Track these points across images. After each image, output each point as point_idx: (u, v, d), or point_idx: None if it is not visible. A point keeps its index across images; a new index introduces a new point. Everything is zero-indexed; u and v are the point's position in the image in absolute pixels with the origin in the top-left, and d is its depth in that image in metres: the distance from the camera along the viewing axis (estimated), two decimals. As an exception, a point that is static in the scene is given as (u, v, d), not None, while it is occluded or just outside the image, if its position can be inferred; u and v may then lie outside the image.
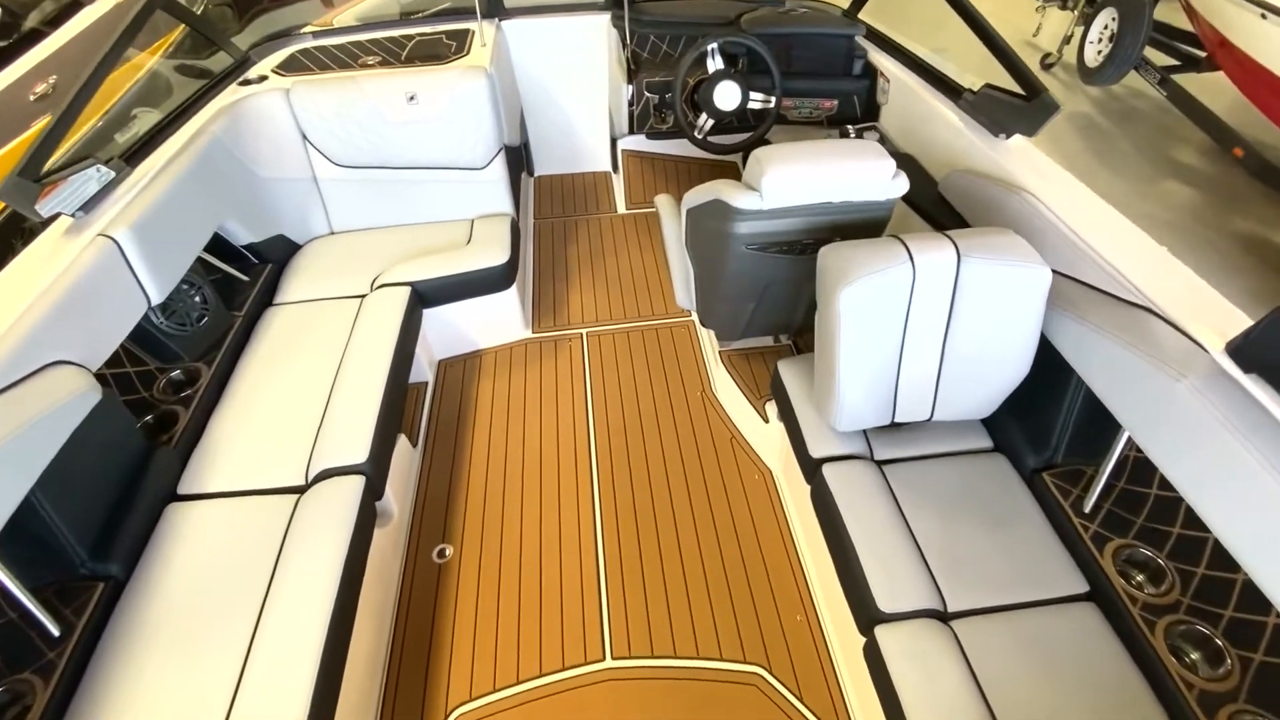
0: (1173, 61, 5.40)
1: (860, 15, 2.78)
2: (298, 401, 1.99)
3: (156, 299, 1.87)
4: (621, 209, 3.52)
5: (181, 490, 1.78)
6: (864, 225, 1.78)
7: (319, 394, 2.00)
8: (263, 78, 2.62)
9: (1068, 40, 6.51)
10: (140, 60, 2.99)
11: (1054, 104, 1.76)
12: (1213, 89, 4.98)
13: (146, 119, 2.27)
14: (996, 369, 1.62)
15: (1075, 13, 6.35)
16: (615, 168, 3.69)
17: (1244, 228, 4.02)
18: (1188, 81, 5.08)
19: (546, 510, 2.16)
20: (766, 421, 2.20)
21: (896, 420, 1.72)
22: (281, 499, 1.74)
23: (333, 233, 2.72)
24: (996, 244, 1.52)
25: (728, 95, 2.45)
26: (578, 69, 3.41)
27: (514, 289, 2.60)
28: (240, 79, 2.60)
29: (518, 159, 3.30)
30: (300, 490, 1.77)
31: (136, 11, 2.05)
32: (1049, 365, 1.61)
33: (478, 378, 2.62)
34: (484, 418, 2.47)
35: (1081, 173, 1.75)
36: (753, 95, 2.51)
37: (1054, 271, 1.54)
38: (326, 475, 1.77)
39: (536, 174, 3.81)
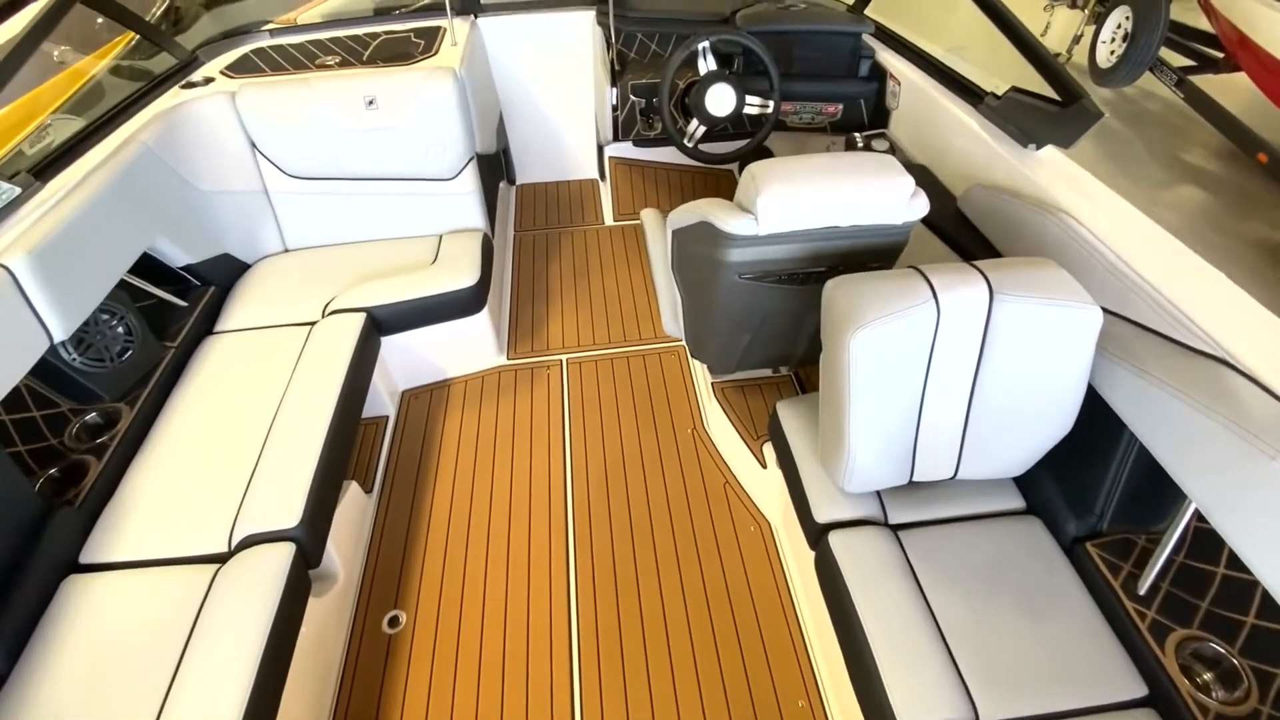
0: (1189, 62, 5.17)
1: (866, 11, 2.53)
2: (228, 449, 1.74)
3: (60, 335, 1.62)
4: (609, 220, 3.27)
5: (84, 559, 1.54)
6: (876, 251, 1.54)
7: (253, 440, 1.76)
8: (209, 80, 2.37)
9: (1077, 40, 6.27)
10: (83, 67, 2.74)
11: (1096, 111, 1.52)
12: (1230, 90, 4.75)
13: (66, 128, 2.02)
14: (1034, 424, 1.38)
15: (1086, 11, 6.11)
16: (603, 176, 3.44)
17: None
18: (1204, 83, 4.85)
19: (514, 570, 1.91)
20: (764, 467, 1.96)
21: (915, 479, 1.47)
22: (198, 570, 1.50)
23: (287, 250, 2.47)
24: (1036, 278, 1.28)
25: (721, 99, 2.21)
26: (562, 70, 3.17)
27: (485, 313, 2.35)
28: (183, 81, 2.35)
29: (495, 167, 3.05)
30: (221, 559, 1.52)
31: (49, 4, 1.81)
32: (1094, 417, 1.36)
33: (444, 410, 2.38)
34: (449, 458, 2.22)
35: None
36: (749, 99, 2.26)
37: (1103, 310, 1.30)
38: (251, 542, 1.53)
39: (518, 182, 3.57)
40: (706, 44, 2.17)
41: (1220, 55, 4.95)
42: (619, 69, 2.49)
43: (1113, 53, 5.44)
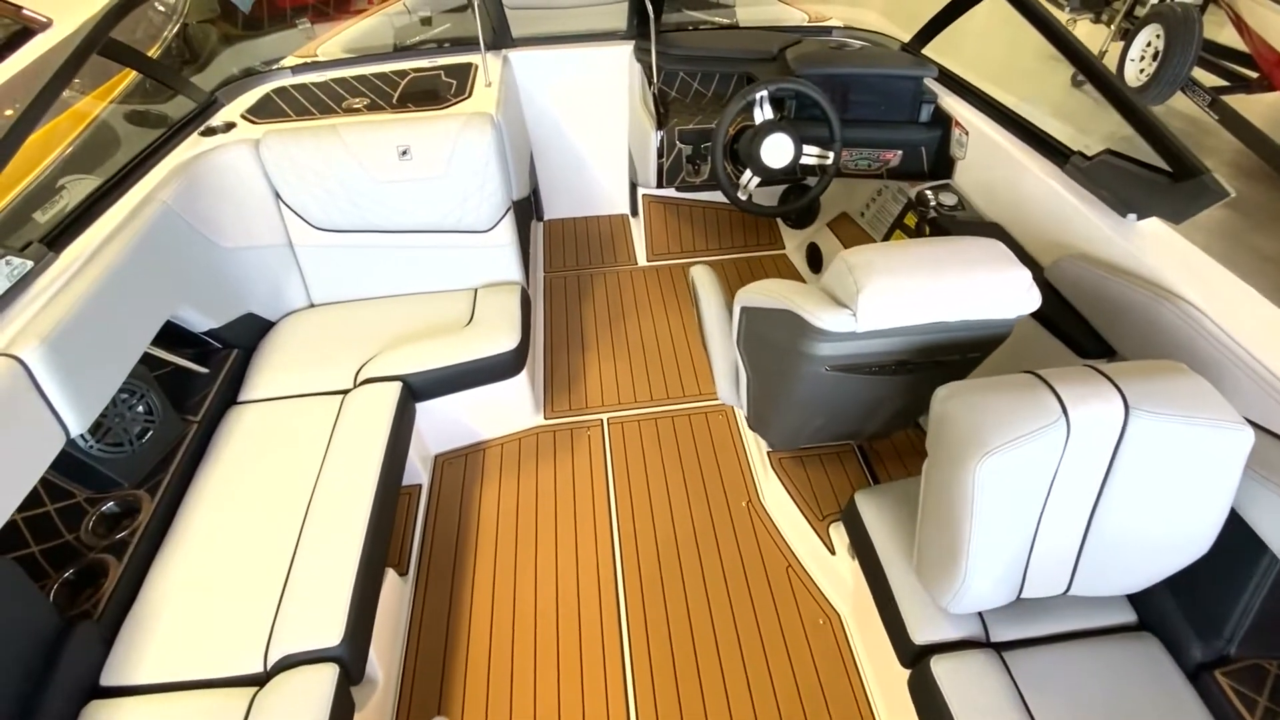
0: (1221, 82, 5.05)
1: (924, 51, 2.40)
2: (259, 544, 1.60)
3: (78, 429, 1.48)
4: (642, 260, 3.13)
5: (105, 681, 1.39)
6: (979, 344, 1.40)
7: (286, 533, 1.62)
8: (230, 125, 2.23)
9: (1101, 56, 6.14)
10: (84, 108, 2.59)
11: (1220, 189, 1.38)
12: (1263, 112, 4.63)
13: (80, 188, 1.88)
14: (1163, 547, 1.24)
15: (1112, 28, 5.98)
16: (635, 212, 3.31)
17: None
18: (1238, 103, 4.73)
19: (565, 663, 1.77)
20: (833, 553, 1.82)
21: (1023, 596, 1.33)
22: (233, 695, 1.35)
23: (312, 305, 2.33)
24: (1174, 390, 1.14)
25: (778, 150, 2.07)
26: (594, 104, 3.03)
27: (524, 374, 2.21)
28: (203, 127, 2.21)
29: (525, 207, 2.92)
30: (258, 682, 1.38)
31: (67, 57, 1.67)
32: (1229, 534, 1.23)
33: (481, 477, 2.24)
34: (488, 531, 2.08)
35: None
36: (806, 149, 2.13)
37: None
38: (291, 663, 1.39)
39: (546, 217, 3.43)
40: (765, 93, 2.03)
41: (1254, 75, 4.83)
42: (663, 111, 2.35)
43: (1142, 71, 5.30)
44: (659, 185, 2.42)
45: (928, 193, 2.08)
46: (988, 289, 1.27)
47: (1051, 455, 1.13)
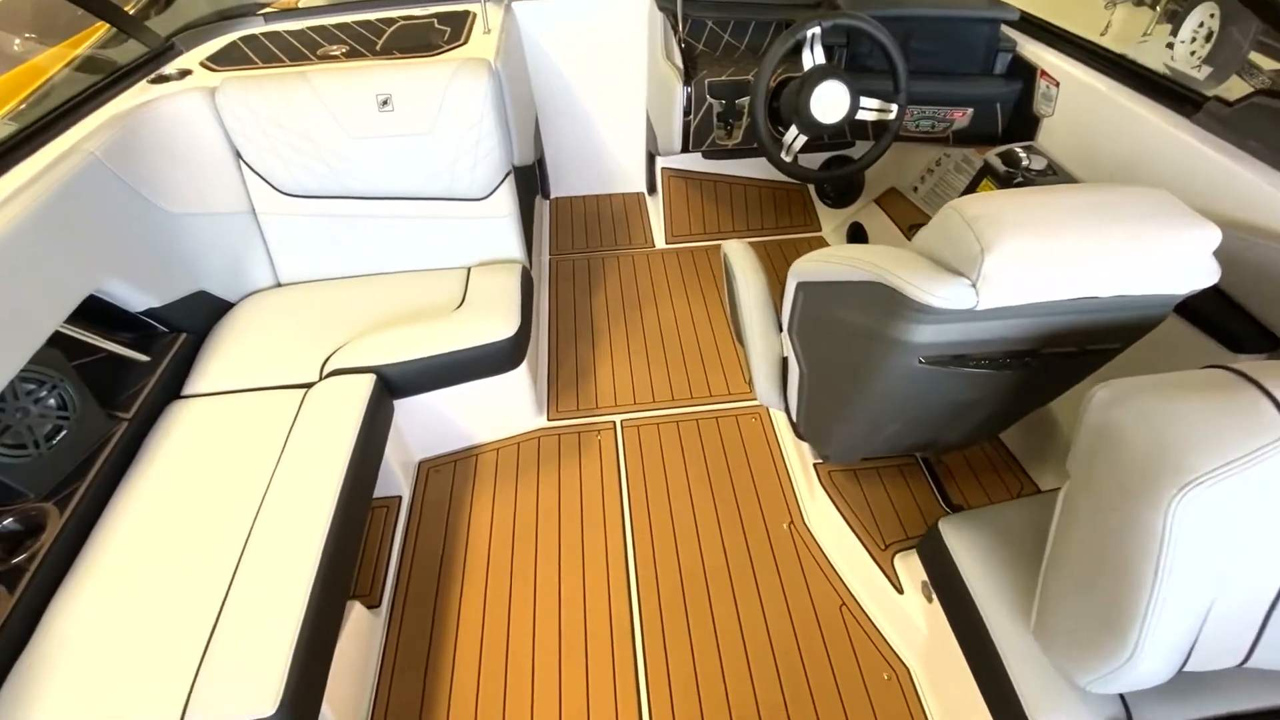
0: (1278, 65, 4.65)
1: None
2: (186, 576, 1.28)
3: None
4: (660, 242, 2.79)
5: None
6: (1126, 329, 1.05)
7: (220, 564, 1.29)
8: (185, 73, 1.91)
9: (1144, 38, 5.73)
10: (42, 62, 2.28)
11: None
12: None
13: (-8, 134, 1.56)
14: None
15: (1157, 9, 5.58)
16: (652, 189, 2.97)
17: None
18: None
19: (569, 718, 1.44)
20: (899, 591, 1.47)
21: (1186, 669, 0.98)
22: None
23: (279, 284, 2.00)
24: None
25: (832, 101, 1.72)
26: (608, 65, 2.69)
27: (523, 367, 1.88)
28: (154, 74, 1.89)
29: (530, 180, 2.58)
30: (167, 760, 1.06)
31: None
32: None
33: (472, 487, 1.90)
34: (479, 554, 1.75)
35: None
36: (864, 102, 1.78)
37: None
38: None
39: (553, 195, 3.09)
40: (817, 30, 1.68)
41: (1325, 56, 4.43)
42: (690, 65, 2.00)
43: (1194, 54, 4.91)
44: (684, 149, 2.08)
45: (1019, 152, 1.72)
46: (1160, 254, 0.92)
47: (1275, 484, 0.78)
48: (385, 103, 1.77)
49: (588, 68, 2.71)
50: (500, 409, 1.99)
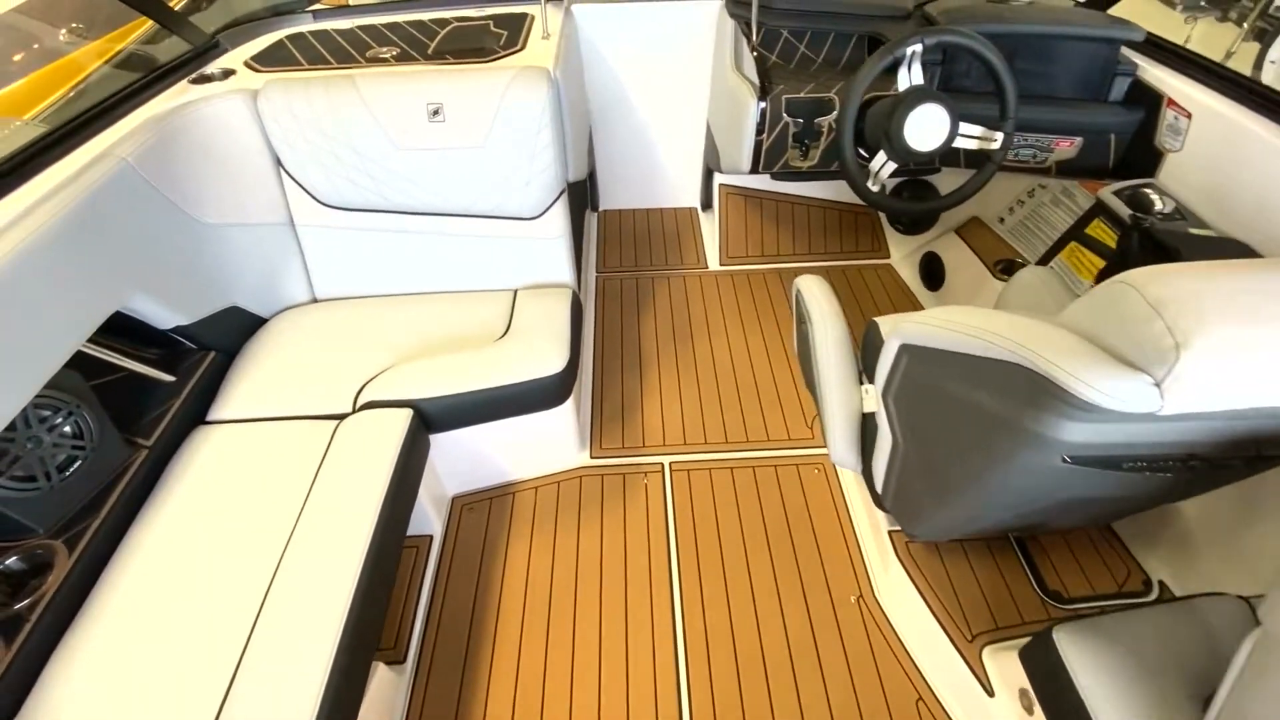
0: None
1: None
2: (201, 626, 1.16)
3: None
4: (714, 263, 2.62)
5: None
6: None
7: (239, 614, 1.17)
8: (229, 73, 1.80)
9: (1228, 57, 5.36)
10: (81, 58, 2.20)
11: None
12: None
13: (22, 137, 1.46)
14: None
15: (1245, 27, 5.22)
16: (707, 205, 2.80)
17: None
18: None
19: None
20: (990, 694, 1.29)
21: None
22: None
23: (315, 300, 1.89)
24: None
25: (930, 125, 1.54)
26: (667, 74, 2.53)
27: (569, 403, 1.73)
28: (196, 74, 1.79)
29: (580, 192, 2.44)
30: None
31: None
32: None
33: (508, 528, 1.76)
34: (513, 603, 1.61)
35: None
36: (964, 128, 1.58)
37: None
38: None
39: (601, 208, 2.95)
40: (919, 47, 1.49)
41: None
42: (765, 79, 1.83)
43: (1289, 72, 4.56)
44: (753, 169, 1.91)
45: (1151, 196, 1.51)
46: None
47: None
48: (436, 112, 1.63)
49: (646, 74, 2.55)
50: (541, 443, 1.85)
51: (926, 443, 1.13)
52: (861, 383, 1.46)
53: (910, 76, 1.56)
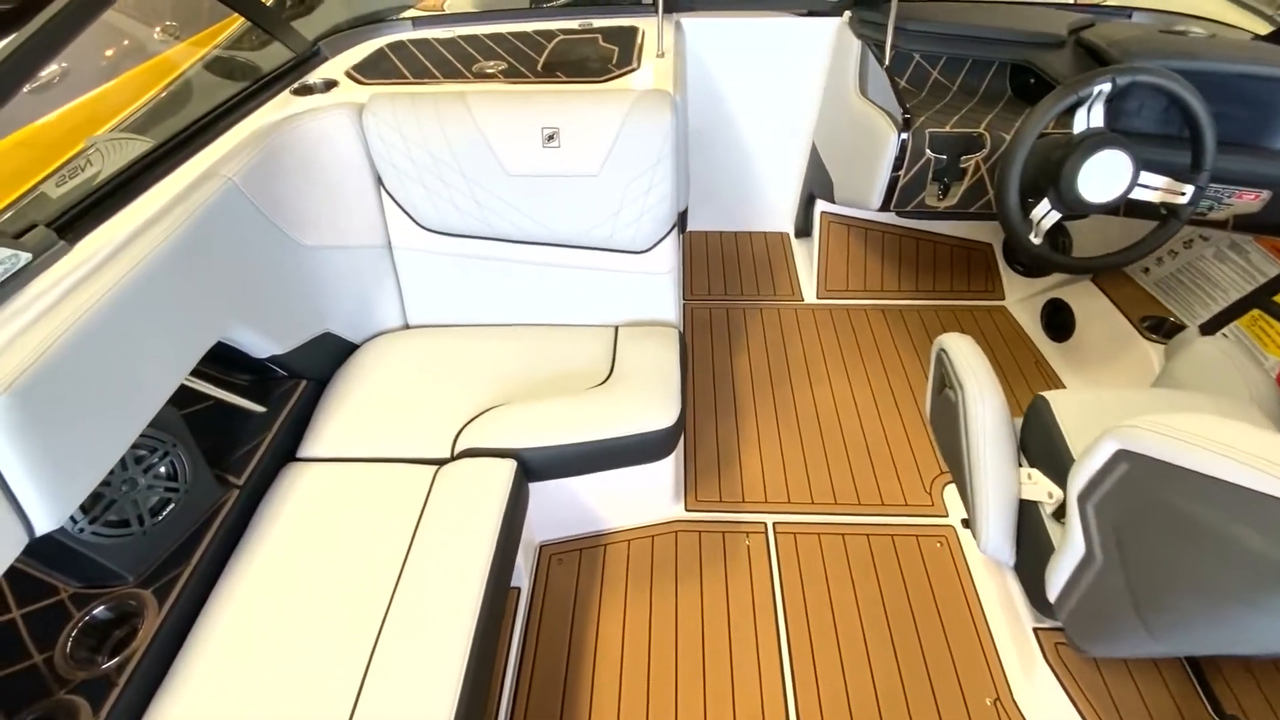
0: None
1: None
2: (301, 692, 1.06)
3: (48, 525, 0.97)
4: (810, 295, 2.46)
5: None
6: None
7: (341, 680, 1.07)
8: (330, 84, 1.72)
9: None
10: (173, 57, 2.14)
11: None
12: None
13: (122, 153, 1.39)
14: None
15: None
16: (803, 231, 2.64)
17: None
18: None
19: None
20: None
21: None
22: None
23: (408, 326, 1.79)
24: None
25: (1108, 175, 1.36)
26: (771, 90, 2.38)
27: (672, 456, 1.60)
28: (297, 84, 1.71)
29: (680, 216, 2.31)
30: None
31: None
32: None
33: (600, 586, 1.64)
34: (609, 663, 1.48)
35: None
36: (1146, 178, 1.40)
37: None
38: None
39: (689, 228, 2.81)
40: (1107, 86, 1.31)
41: None
42: (906, 109, 1.66)
43: None
44: (885, 207, 1.75)
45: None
46: None
47: None
48: (551, 138, 1.52)
49: (747, 90, 2.40)
50: (634, 493, 1.72)
51: (1141, 566, 0.96)
52: (1020, 464, 1.30)
53: (1089, 118, 1.38)
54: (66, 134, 1.64)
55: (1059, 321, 2.14)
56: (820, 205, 2.41)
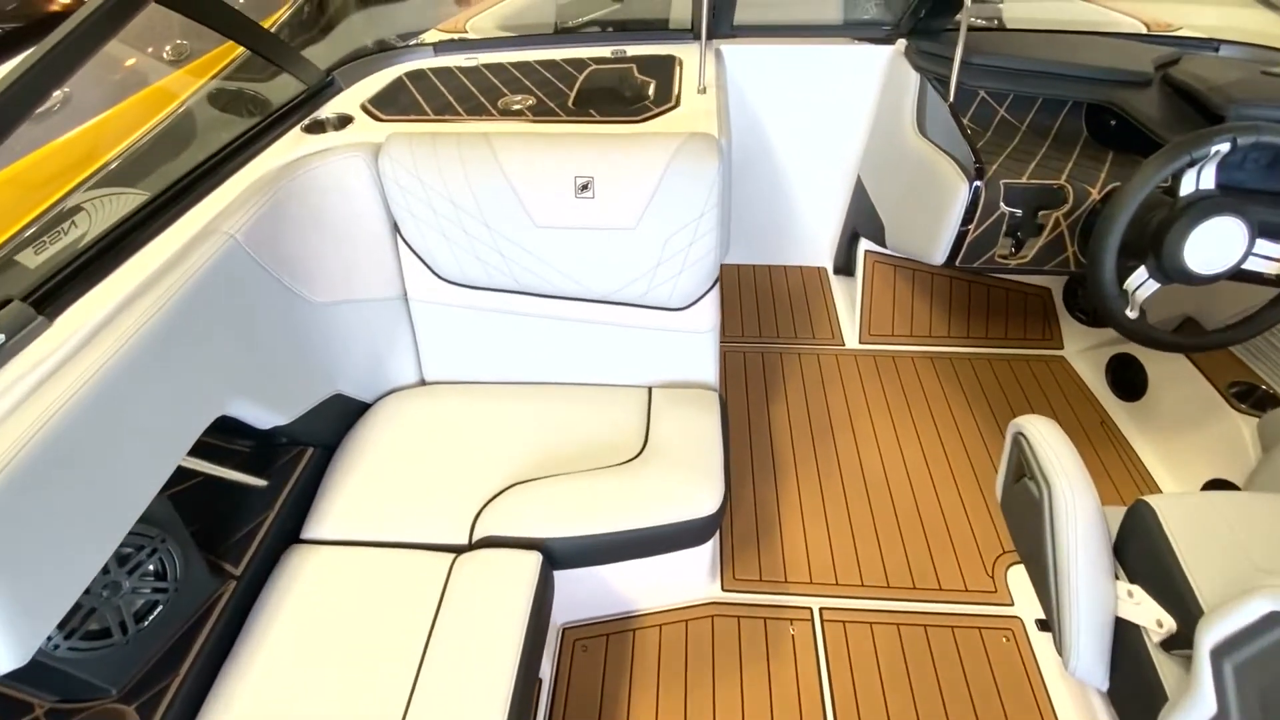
0: None
1: None
2: None
3: (9, 664, 0.83)
4: (852, 341, 2.30)
5: None
6: None
7: None
8: (345, 120, 1.59)
9: None
10: (172, 85, 2.02)
11: None
12: None
13: (113, 209, 1.27)
14: None
15: None
16: (844, 269, 2.48)
17: None
18: None
19: None
20: None
21: None
22: None
23: (423, 382, 1.66)
24: None
25: (1219, 242, 1.19)
26: (813, 121, 2.23)
27: (712, 540, 1.45)
28: (309, 120, 1.58)
29: None
30: None
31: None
32: None
33: (629, 671, 1.49)
34: (638, 786, 1.34)
35: None
36: (1262, 247, 1.23)
37: None
38: None
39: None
40: (1226, 146, 1.15)
41: None
42: (976, 156, 1.50)
43: None
44: (950, 262, 1.58)
45: None
46: None
47: None
48: (585, 187, 1.37)
49: (787, 119, 2.25)
50: (667, 573, 1.57)
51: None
52: (1118, 576, 1.14)
53: (1199, 180, 1.21)
54: (53, 176, 1.51)
55: (1128, 379, 1.97)
56: (864, 243, 2.25)
